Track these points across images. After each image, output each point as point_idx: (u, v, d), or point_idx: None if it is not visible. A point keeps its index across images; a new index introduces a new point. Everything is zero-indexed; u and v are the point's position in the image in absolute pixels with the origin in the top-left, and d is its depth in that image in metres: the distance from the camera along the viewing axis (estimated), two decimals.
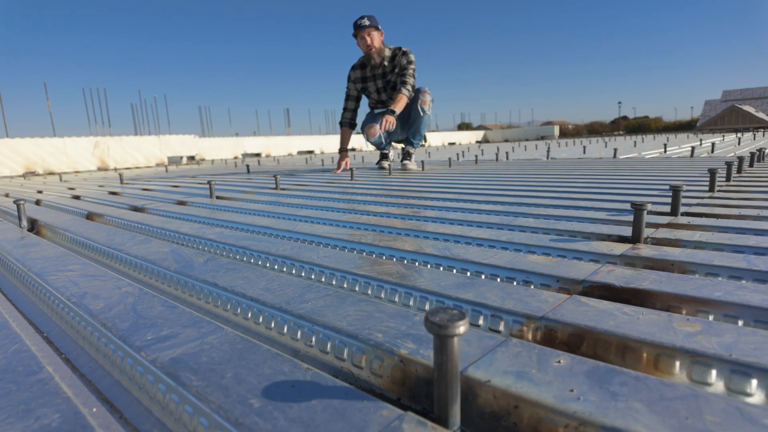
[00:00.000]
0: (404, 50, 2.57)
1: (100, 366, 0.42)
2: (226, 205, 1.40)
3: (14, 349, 0.42)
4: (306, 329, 0.44)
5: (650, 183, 1.38)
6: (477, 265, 0.61)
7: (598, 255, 0.63)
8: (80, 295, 0.55)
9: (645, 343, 0.36)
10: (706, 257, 0.57)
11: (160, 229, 1.02)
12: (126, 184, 2.58)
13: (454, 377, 0.27)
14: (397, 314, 0.44)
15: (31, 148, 5.26)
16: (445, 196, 1.30)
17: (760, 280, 0.51)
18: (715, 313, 0.43)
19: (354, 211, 1.15)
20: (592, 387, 0.30)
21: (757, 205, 0.92)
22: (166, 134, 6.78)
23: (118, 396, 0.37)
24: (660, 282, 0.49)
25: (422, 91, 2.59)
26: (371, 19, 2.47)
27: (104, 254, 0.85)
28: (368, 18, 2.46)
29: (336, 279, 0.61)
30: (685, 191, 1.11)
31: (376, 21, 2.49)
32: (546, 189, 1.36)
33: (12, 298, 0.65)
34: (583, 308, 0.43)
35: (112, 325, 0.45)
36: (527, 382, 0.30)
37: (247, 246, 0.78)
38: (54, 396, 0.33)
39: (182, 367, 0.35)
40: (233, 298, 0.54)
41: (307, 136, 9.99)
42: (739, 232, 0.71)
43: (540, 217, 0.92)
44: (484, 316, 0.45)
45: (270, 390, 0.31)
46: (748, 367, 0.31)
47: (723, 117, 23.05)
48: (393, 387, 0.35)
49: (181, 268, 0.66)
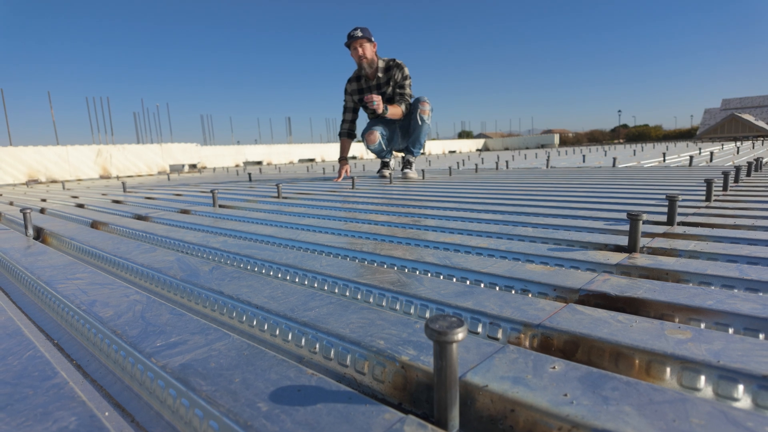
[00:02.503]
0: (398, 62, 2.63)
1: (111, 372, 0.44)
2: (229, 213, 1.42)
3: (28, 355, 0.43)
4: (310, 336, 0.45)
5: (648, 192, 1.39)
6: (476, 274, 0.63)
7: (595, 264, 0.64)
8: (89, 303, 0.57)
9: (637, 350, 0.37)
10: (700, 266, 0.59)
11: (164, 237, 1.04)
12: (129, 193, 2.60)
13: (453, 382, 0.29)
14: (398, 322, 0.45)
15: (34, 157, 5.30)
16: (445, 205, 1.32)
17: (752, 289, 0.52)
18: (706, 321, 0.45)
19: (355, 219, 1.16)
20: (585, 392, 0.31)
21: (753, 215, 0.93)
22: (168, 142, 6.83)
23: (129, 400, 0.39)
24: (654, 291, 0.51)
25: (422, 101, 2.63)
26: (364, 30, 2.54)
27: (111, 263, 0.87)
28: (361, 30, 2.53)
29: (339, 287, 0.62)
30: (681, 201, 1.13)
31: (369, 33, 2.56)
32: (545, 198, 1.38)
33: (21, 305, 0.67)
34: (578, 316, 0.44)
35: (122, 332, 0.47)
36: (523, 387, 0.32)
37: (251, 255, 0.79)
38: (70, 400, 0.35)
39: (192, 372, 0.37)
40: (239, 306, 0.55)
41: (308, 145, 10.05)
42: (733, 241, 0.72)
43: (538, 226, 0.94)
44: (482, 324, 0.47)
45: (277, 394, 0.33)
46: (735, 373, 0.33)
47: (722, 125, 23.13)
48: (394, 392, 0.37)
49: (187, 276, 0.68)
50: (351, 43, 2.55)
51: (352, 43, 2.54)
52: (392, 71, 2.62)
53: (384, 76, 2.64)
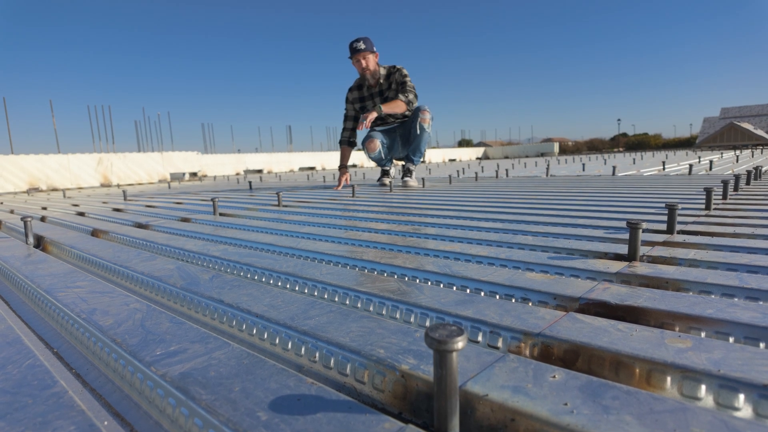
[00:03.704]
0: (398, 67, 2.68)
1: (110, 380, 0.44)
2: (230, 221, 1.42)
3: (28, 363, 0.43)
4: (310, 345, 0.45)
5: (648, 201, 1.40)
6: (476, 282, 0.63)
7: (595, 273, 0.64)
8: (89, 312, 0.57)
9: (637, 359, 0.37)
10: (699, 275, 0.59)
11: (165, 246, 1.04)
12: (129, 201, 2.60)
13: (453, 391, 0.29)
14: (398, 330, 0.45)
15: (35, 165, 5.32)
16: (446, 213, 1.32)
17: (752, 297, 0.52)
18: (706, 330, 0.45)
19: (355, 228, 1.17)
20: (586, 401, 0.31)
21: (752, 223, 0.93)
22: (168, 151, 6.86)
23: (128, 410, 0.39)
24: (654, 299, 0.51)
25: (422, 110, 2.65)
26: (366, 42, 2.58)
27: (111, 271, 0.87)
28: (363, 41, 2.57)
29: (338, 296, 0.62)
30: (681, 209, 1.13)
31: (371, 44, 2.60)
32: (545, 206, 1.38)
33: (21, 313, 0.67)
34: (578, 325, 0.44)
35: (122, 340, 0.47)
36: (523, 396, 0.32)
37: (251, 263, 0.79)
38: (69, 409, 0.35)
39: (191, 381, 0.37)
40: (239, 314, 0.55)
41: (308, 153, 10.09)
42: (733, 250, 0.73)
43: (538, 234, 0.94)
44: (482, 333, 0.47)
45: (276, 403, 0.33)
46: (736, 382, 0.33)
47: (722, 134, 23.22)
48: (394, 401, 0.37)
49: (187, 284, 0.68)
50: (354, 56, 2.59)
51: (355, 55, 2.58)
52: (393, 76, 2.68)
53: (386, 82, 2.69)
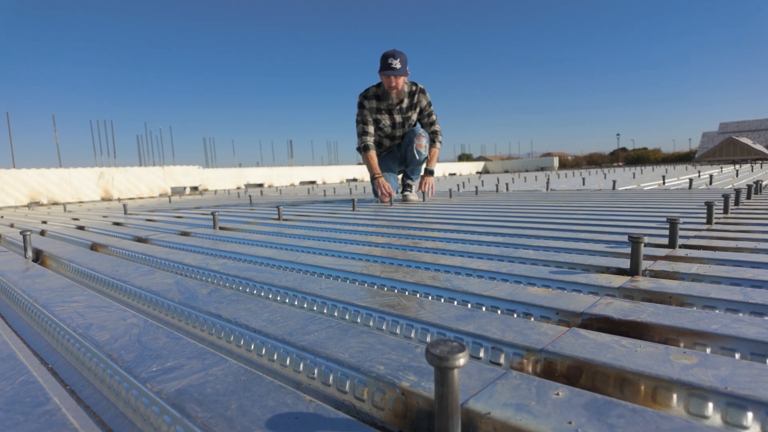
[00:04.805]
0: (420, 87, 2.62)
1: (105, 397, 0.43)
2: (230, 236, 1.42)
3: (21, 380, 0.43)
4: (308, 361, 0.44)
5: (649, 215, 1.39)
6: (477, 297, 0.62)
7: (597, 287, 0.63)
8: (86, 327, 0.56)
9: (642, 376, 0.36)
10: (703, 290, 0.58)
11: (164, 260, 1.03)
12: (130, 215, 2.60)
13: (454, 409, 0.28)
14: (398, 346, 0.44)
15: (37, 179, 5.34)
16: (446, 228, 1.32)
17: (757, 312, 0.51)
18: (711, 346, 0.44)
19: (355, 242, 1.16)
20: (590, 419, 0.30)
21: (754, 237, 0.93)
22: (170, 165, 6.89)
23: (122, 427, 0.38)
24: (657, 314, 0.50)
25: (417, 135, 2.62)
26: (403, 62, 2.42)
27: (109, 285, 0.86)
28: (401, 61, 2.41)
29: (338, 310, 0.62)
30: (683, 224, 1.12)
31: (406, 66, 2.45)
32: (546, 221, 1.37)
33: (17, 328, 0.66)
34: (581, 341, 0.44)
35: (118, 356, 0.46)
36: (526, 414, 0.31)
37: (251, 277, 0.79)
38: (61, 427, 0.34)
39: (187, 398, 0.36)
40: (237, 329, 0.54)
41: (309, 167, 10.14)
42: (736, 264, 0.72)
43: (540, 248, 0.94)
44: (484, 349, 0.46)
45: (274, 422, 0.32)
46: (744, 400, 0.32)
47: (721, 149, 23.34)
48: (395, 419, 0.36)
49: (186, 299, 0.67)
50: (385, 72, 2.43)
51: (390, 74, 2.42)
52: (416, 96, 2.61)
53: (408, 101, 2.60)
